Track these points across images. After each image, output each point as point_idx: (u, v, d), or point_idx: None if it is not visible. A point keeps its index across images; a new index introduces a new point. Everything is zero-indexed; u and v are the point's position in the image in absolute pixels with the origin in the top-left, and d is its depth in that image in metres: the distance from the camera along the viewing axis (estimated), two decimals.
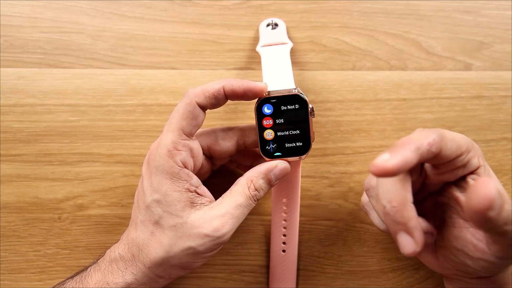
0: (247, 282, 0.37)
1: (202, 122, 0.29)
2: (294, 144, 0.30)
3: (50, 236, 0.36)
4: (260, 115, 0.29)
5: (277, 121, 0.29)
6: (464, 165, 0.26)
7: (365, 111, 0.38)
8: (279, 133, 0.30)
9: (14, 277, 0.36)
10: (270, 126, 0.30)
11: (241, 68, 0.38)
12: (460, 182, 0.27)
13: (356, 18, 0.38)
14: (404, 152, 0.23)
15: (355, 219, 0.37)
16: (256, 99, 0.30)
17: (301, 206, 0.36)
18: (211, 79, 0.37)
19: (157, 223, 0.28)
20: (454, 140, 0.25)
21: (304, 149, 0.30)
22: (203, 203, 0.29)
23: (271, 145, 0.30)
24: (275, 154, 0.30)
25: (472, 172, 0.27)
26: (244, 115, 0.37)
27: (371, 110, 0.38)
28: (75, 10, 0.38)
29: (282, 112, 0.29)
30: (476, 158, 0.26)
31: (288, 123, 0.29)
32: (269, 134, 0.30)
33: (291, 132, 0.30)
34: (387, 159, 0.22)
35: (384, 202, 0.24)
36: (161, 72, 0.37)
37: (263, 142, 0.30)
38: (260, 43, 0.36)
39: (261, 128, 0.30)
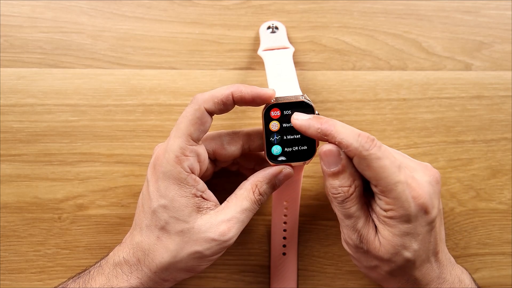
0: (247, 282, 0.37)
1: (209, 127, 0.29)
2: (299, 150, 0.30)
3: (50, 236, 0.36)
4: (267, 121, 0.30)
5: (284, 126, 0.30)
6: None
7: (365, 111, 0.38)
8: (285, 139, 0.30)
9: (14, 277, 0.36)
10: (276, 131, 0.30)
11: (241, 68, 0.38)
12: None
13: (356, 18, 0.38)
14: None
15: None
16: (263, 105, 0.30)
17: (301, 206, 0.36)
18: (211, 79, 0.37)
19: (163, 228, 0.28)
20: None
21: (308, 154, 0.30)
22: (209, 207, 0.29)
23: (276, 151, 0.30)
24: (280, 159, 0.30)
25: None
26: (244, 115, 0.38)
27: (371, 110, 0.38)
28: (75, 10, 0.37)
29: (288, 118, 0.30)
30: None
31: (294, 129, 0.30)
32: (275, 140, 0.30)
33: (296, 138, 0.30)
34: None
35: None
36: (161, 72, 0.37)
37: (269, 147, 0.30)
38: (262, 46, 0.36)
39: (268, 134, 0.30)
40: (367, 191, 0.29)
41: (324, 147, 0.28)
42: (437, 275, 0.29)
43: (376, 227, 0.29)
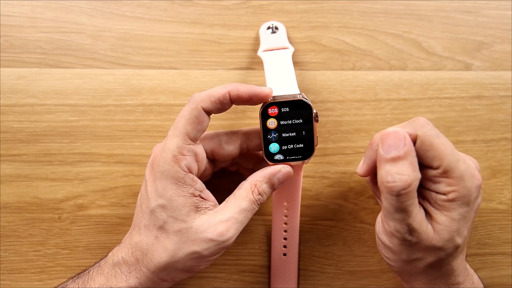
0: (247, 282, 0.37)
1: (207, 126, 0.29)
2: (297, 149, 0.30)
3: (50, 236, 0.36)
4: (264, 120, 0.30)
5: (281, 126, 0.30)
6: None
7: (365, 111, 0.38)
8: (282, 137, 0.30)
9: (14, 277, 0.36)
10: (274, 129, 0.30)
11: (241, 68, 0.38)
12: None
13: (356, 18, 0.38)
14: (366, 160, 0.30)
15: (355, 219, 0.37)
16: (261, 104, 0.30)
17: (301, 206, 0.36)
18: (211, 79, 0.37)
19: (161, 228, 0.28)
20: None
21: (307, 154, 0.30)
22: (207, 207, 0.29)
23: (274, 149, 0.30)
24: (278, 159, 0.30)
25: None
26: (244, 115, 0.38)
27: (371, 110, 0.38)
28: (75, 10, 0.38)
29: (286, 117, 0.30)
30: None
31: (292, 128, 0.30)
32: (272, 138, 0.30)
33: (294, 137, 0.30)
34: (359, 169, 0.31)
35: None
36: (161, 72, 0.37)
37: (267, 145, 0.30)
38: (262, 47, 0.36)
39: (265, 131, 0.30)
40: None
41: (388, 129, 0.27)
42: (464, 266, 0.29)
43: (429, 215, 0.28)
